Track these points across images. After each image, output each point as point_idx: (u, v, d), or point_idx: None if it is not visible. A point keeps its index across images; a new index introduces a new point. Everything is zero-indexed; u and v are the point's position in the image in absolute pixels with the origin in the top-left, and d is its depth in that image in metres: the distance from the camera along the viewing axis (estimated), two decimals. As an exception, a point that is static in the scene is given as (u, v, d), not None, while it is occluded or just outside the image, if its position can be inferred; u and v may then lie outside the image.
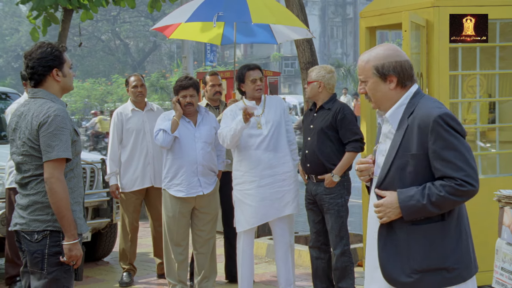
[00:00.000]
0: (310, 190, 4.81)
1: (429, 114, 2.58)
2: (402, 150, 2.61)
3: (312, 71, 4.87)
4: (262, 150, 4.78)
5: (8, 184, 5.40)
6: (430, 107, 2.62)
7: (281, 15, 5.69)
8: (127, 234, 5.74)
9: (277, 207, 4.79)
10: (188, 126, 5.00)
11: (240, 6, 5.40)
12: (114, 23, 46.40)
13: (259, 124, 4.82)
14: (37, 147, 3.11)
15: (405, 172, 2.60)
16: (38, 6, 8.51)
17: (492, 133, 5.35)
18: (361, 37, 5.43)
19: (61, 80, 3.21)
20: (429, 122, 2.57)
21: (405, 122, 2.63)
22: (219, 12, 5.31)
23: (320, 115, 4.77)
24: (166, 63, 45.61)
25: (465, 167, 2.55)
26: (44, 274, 3.12)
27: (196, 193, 4.96)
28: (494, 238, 3.58)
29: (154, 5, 9.18)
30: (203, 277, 5.07)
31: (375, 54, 2.70)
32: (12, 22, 46.62)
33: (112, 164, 5.61)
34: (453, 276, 2.61)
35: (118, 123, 5.64)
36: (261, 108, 4.87)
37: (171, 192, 4.98)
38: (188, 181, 4.93)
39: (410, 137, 2.60)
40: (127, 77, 5.88)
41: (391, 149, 2.65)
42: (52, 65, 3.17)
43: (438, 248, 2.60)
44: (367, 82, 2.71)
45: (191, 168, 4.95)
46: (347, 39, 49.28)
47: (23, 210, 3.17)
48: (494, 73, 5.20)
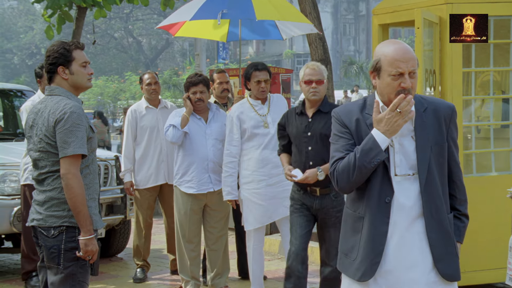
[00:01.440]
0: (310, 204, 4.32)
1: (448, 105, 2.74)
2: (433, 143, 2.66)
3: (320, 68, 4.35)
4: (270, 149, 4.78)
5: (23, 180, 5.46)
6: (440, 99, 2.82)
7: (285, 11, 5.69)
8: (141, 230, 5.78)
9: (287, 205, 4.77)
10: (199, 123, 5.03)
11: (244, 3, 5.41)
12: (127, 21, 46.57)
13: (265, 124, 4.81)
14: (54, 144, 3.16)
15: (441, 163, 2.68)
16: (53, 4, 8.58)
17: (506, 130, 5.33)
18: (373, 34, 5.42)
19: (69, 78, 3.23)
20: (450, 112, 2.71)
21: (423, 116, 2.66)
22: (223, 9, 5.32)
23: (318, 119, 4.30)
24: (179, 61, 45.73)
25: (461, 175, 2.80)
26: (61, 269, 3.16)
27: (207, 189, 4.98)
28: (507, 236, 3.58)
29: (167, 3, 9.22)
30: (216, 273, 5.10)
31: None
32: (27, 20, 46.95)
33: (126, 161, 5.66)
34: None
35: (132, 121, 5.68)
36: (266, 107, 4.87)
37: (182, 188, 5.01)
38: (199, 178, 4.96)
39: (437, 130, 2.67)
40: (141, 75, 5.92)
41: (422, 145, 2.65)
42: (57, 63, 3.21)
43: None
44: (416, 73, 2.62)
45: (202, 164, 4.98)
46: (360, 36, 49.14)
47: (40, 206, 3.22)
48: (508, 70, 5.18)
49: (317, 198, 4.30)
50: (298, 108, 4.40)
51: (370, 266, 2.64)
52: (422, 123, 2.64)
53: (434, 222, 2.63)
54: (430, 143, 2.64)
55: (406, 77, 2.60)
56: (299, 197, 4.37)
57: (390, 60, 2.59)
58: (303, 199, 4.35)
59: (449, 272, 2.64)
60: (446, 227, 2.65)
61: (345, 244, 2.76)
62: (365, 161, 2.59)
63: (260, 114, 4.82)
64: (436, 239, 2.63)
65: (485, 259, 4.79)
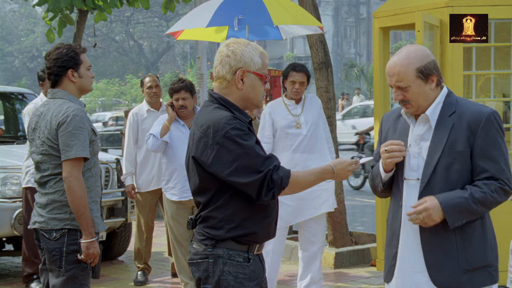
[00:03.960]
0: None
1: (481, 111, 2.58)
2: (448, 148, 2.57)
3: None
4: (301, 150, 4.73)
5: (24, 183, 5.47)
6: (477, 105, 2.65)
7: (298, 14, 5.65)
8: (143, 233, 5.79)
9: (315, 206, 4.76)
10: (182, 129, 4.95)
11: (258, 8, 5.36)
12: (128, 24, 46.63)
13: (297, 124, 4.75)
14: (56, 147, 3.17)
15: (451, 170, 2.57)
16: (54, 7, 8.59)
17: (507, 133, 5.34)
18: (374, 37, 5.43)
19: (77, 81, 3.26)
20: (481, 119, 2.56)
21: (447, 120, 2.59)
22: (239, 15, 5.29)
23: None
24: (180, 64, 45.75)
25: (506, 169, 2.59)
26: (62, 271, 3.17)
27: (189, 197, 4.88)
28: (509, 238, 3.58)
29: (168, 6, 9.22)
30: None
31: (414, 56, 2.60)
32: (28, 23, 47.02)
33: (128, 164, 5.66)
34: (496, 273, 2.65)
35: (134, 124, 5.69)
36: (300, 107, 4.81)
37: (167, 195, 5.01)
38: (181, 185, 4.91)
39: (457, 135, 2.57)
40: (142, 78, 5.93)
41: (433, 148, 2.60)
42: (67, 66, 3.22)
43: (482, 245, 2.62)
44: (409, 87, 2.58)
45: (183, 171, 4.89)
46: (361, 39, 49.15)
47: (42, 208, 3.23)
48: (509, 73, 5.19)
49: None
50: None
51: (388, 268, 2.72)
52: (441, 127, 2.60)
53: (426, 229, 2.59)
54: (444, 148, 2.57)
55: (394, 90, 2.63)
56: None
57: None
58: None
59: (442, 281, 2.59)
60: (441, 236, 2.58)
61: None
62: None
63: (293, 114, 4.77)
64: (429, 247, 2.60)
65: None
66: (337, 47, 47.69)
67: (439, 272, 2.58)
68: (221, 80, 2.58)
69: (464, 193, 2.54)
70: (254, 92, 2.59)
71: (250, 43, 2.67)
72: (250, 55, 2.57)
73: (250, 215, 2.53)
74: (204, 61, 8.21)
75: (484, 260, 2.61)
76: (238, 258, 2.53)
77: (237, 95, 2.57)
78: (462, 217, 2.55)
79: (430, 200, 2.54)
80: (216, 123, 2.49)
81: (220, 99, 2.57)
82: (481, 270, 2.60)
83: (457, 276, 2.58)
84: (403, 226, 2.66)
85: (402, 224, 2.66)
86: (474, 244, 2.60)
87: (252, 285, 2.55)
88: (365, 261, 6.09)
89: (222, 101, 2.56)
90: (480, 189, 2.54)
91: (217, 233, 2.53)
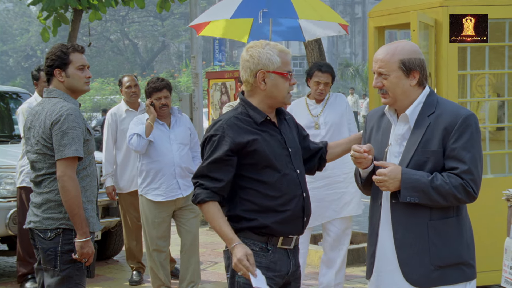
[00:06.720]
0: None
1: (458, 113, 2.60)
2: (422, 147, 2.60)
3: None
4: None
5: (19, 183, 5.45)
6: (455, 106, 2.66)
7: (323, 10, 5.55)
8: (132, 233, 5.73)
9: (335, 208, 4.67)
10: (162, 129, 4.88)
11: (283, 1, 5.28)
12: (123, 23, 46.57)
13: (316, 124, 4.67)
14: (50, 146, 3.16)
15: (424, 169, 2.59)
16: (49, 6, 8.56)
17: (501, 132, 5.35)
18: (369, 36, 5.44)
19: (65, 80, 3.23)
20: (457, 121, 2.57)
21: (425, 120, 2.62)
22: (264, 8, 5.20)
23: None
24: (175, 63, 45.72)
25: (475, 173, 2.58)
26: (57, 271, 3.16)
27: (176, 196, 4.84)
28: (503, 238, 3.59)
29: (163, 5, 9.21)
30: (189, 281, 4.89)
31: (401, 48, 2.65)
32: (22, 23, 46.91)
33: (107, 165, 5.55)
34: (471, 271, 2.64)
35: (112, 124, 5.58)
36: (321, 107, 4.72)
37: (149, 197, 4.86)
38: (167, 184, 4.82)
39: (432, 134, 2.59)
40: (121, 77, 5.81)
41: (409, 146, 2.63)
42: (53, 65, 3.22)
43: (456, 243, 2.61)
44: (388, 75, 2.64)
45: (169, 170, 4.83)
46: (356, 38, 49.23)
47: (37, 208, 3.22)
48: (503, 73, 5.20)
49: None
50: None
51: (368, 265, 2.77)
52: (418, 127, 2.63)
53: (400, 226, 2.61)
54: (418, 147, 2.60)
55: (376, 76, 2.67)
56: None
57: None
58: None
59: (414, 278, 2.59)
60: (413, 232, 2.59)
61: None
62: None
63: (313, 115, 4.70)
64: (401, 243, 2.61)
65: (481, 261, 4.79)
66: (332, 46, 47.75)
67: (411, 268, 2.59)
68: (246, 83, 2.75)
69: (428, 175, 2.57)
70: (277, 90, 2.73)
71: (269, 43, 2.77)
72: (268, 56, 2.70)
73: (260, 209, 2.69)
74: (199, 60, 8.19)
75: (457, 257, 2.61)
76: (253, 247, 2.66)
77: (262, 95, 2.74)
78: (415, 195, 2.56)
79: (393, 169, 2.57)
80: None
81: (241, 100, 2.78)
82: (454, 267, 2.60)
83: (428, 273, 2.58)
84: (381, 224, 2.68)
85: (381, 222, 2.68)
86: (448, 240, 2.60)
87: (270, 275, 2.66)
88: (360, 260, 6.09)
89: (243, 101, 2.77)
90: (442, 178, 2.56)
91: (235, 225, 2.70)
